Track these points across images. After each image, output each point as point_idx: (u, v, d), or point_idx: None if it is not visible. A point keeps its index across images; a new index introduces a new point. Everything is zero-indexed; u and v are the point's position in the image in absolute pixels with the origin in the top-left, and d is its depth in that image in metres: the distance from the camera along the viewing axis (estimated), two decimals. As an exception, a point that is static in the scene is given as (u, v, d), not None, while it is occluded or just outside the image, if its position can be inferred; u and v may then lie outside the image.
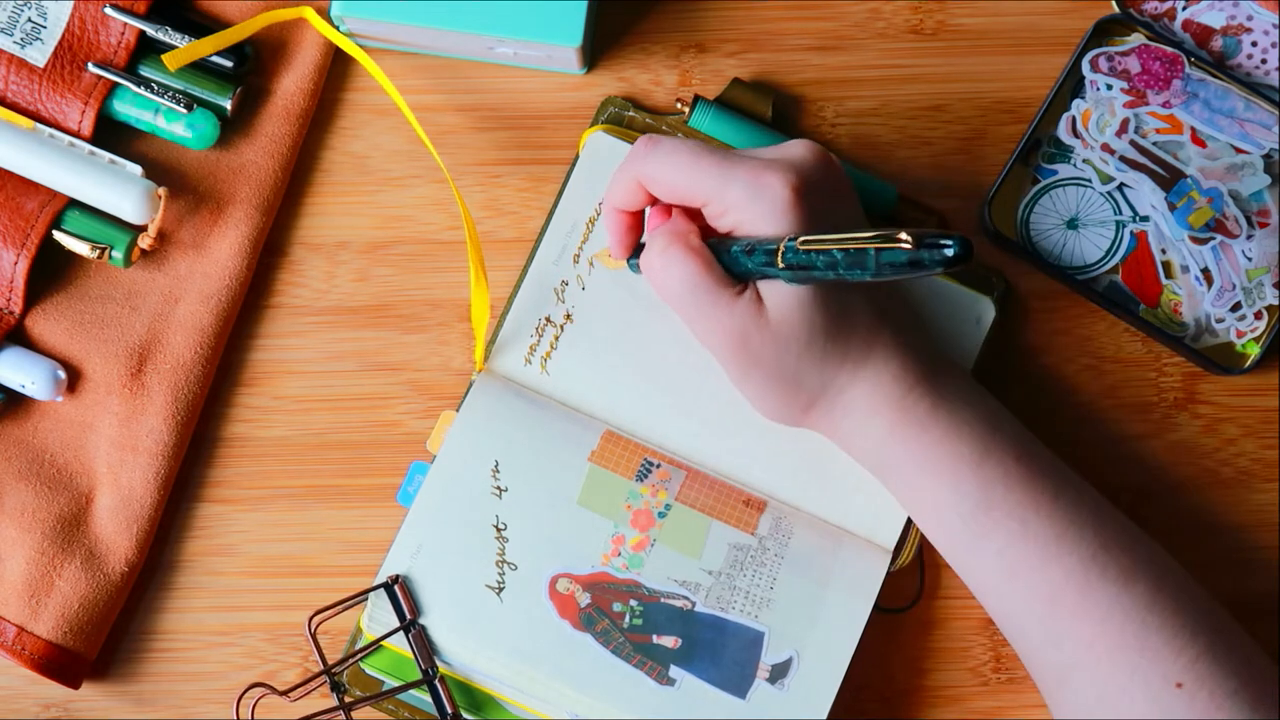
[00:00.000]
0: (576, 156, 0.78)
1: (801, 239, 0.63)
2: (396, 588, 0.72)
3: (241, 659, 0.76)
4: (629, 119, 0.78)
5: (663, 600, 0.72)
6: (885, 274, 0.60)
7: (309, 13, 0.77)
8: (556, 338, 0.76)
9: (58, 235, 0.75)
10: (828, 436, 0.71)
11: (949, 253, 0.57)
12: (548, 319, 0.76)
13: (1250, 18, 0.79)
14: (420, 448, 0.77)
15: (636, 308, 0.76)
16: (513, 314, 0.76)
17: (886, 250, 0.59)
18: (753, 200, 0.65)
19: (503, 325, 0.76)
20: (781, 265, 0.64)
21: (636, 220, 0.72)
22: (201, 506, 0.77)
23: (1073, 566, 0.67)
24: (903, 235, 0.58)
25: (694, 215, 0.69)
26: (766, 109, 0.78)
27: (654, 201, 0.70)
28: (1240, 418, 0.78)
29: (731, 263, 0.67)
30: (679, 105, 0.78)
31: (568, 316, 0.76)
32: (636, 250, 0.73)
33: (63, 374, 0.75)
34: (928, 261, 0.58)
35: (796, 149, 0.67)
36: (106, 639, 0.75)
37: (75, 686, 0.73)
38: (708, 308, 0.67)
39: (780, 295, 0.66)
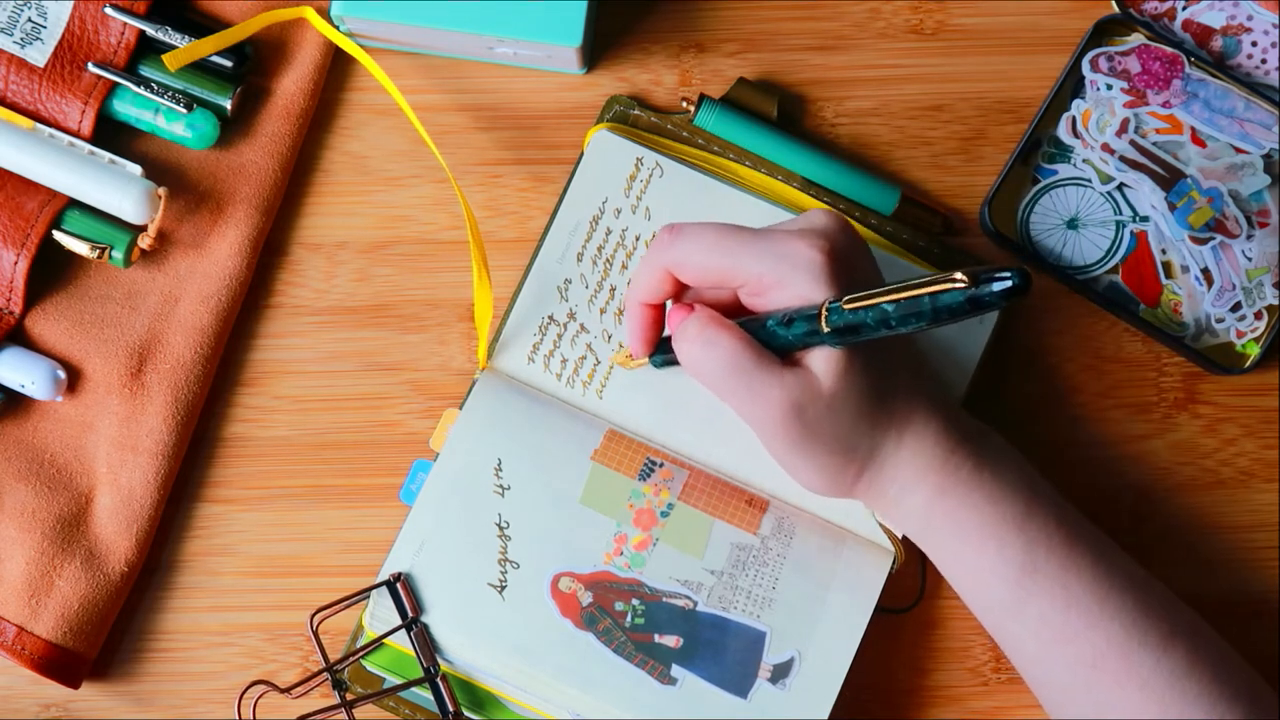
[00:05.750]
0: (581, 155, 0.78)
1: (846, 299, 0.62)
2: (399, 585, 0.72)
3: (241, 659, 0.76)
4: (634, 117, 0.78)
5: (665, 599, 0.72)
6: (943, 318, 0.58)
7: (309, 13, 0.77)
8: (559, 336, 0.76)
9: (58, 235, 0.74)
10: (871, 505, 0.70)
11: (1008, 285, 0.56)
12: (550, 317, 0.76)
13: (1250, 18, 0.79)
14: (419, 447, 0.77)
15: None
16: (516, 312, 0.76)
17: (943, 294, 0.58)
18: (791, 271, 0.64)
19: (506, 323, 0.76)
20: (826, 329, 0.62)
21: (659, 314, 0.71)
22: (201, 506, 0.77)
23: (1114, 632, 0.66)
24: (957, 275, 0.57)
25: (713, 305, 0.68)
26: (772, 108, 0.78)
27: (680, 290, 0.69)
28: (1240, 418, 0.78)
29: (769, 337, 0.65)
30: (684, 104, 0.78)
31: (570, 315, 0.76)
32: (658, 347, 0.72)
33: (63, 374, 0.75)
34: (988, 298, 0.57)
35: (818, 217, 0.67)
36: (106, 639, 0.75)
37: (75, 686, 0.73)
38: (757, 383, 0.65)
39: (828, 362, 0.65)
